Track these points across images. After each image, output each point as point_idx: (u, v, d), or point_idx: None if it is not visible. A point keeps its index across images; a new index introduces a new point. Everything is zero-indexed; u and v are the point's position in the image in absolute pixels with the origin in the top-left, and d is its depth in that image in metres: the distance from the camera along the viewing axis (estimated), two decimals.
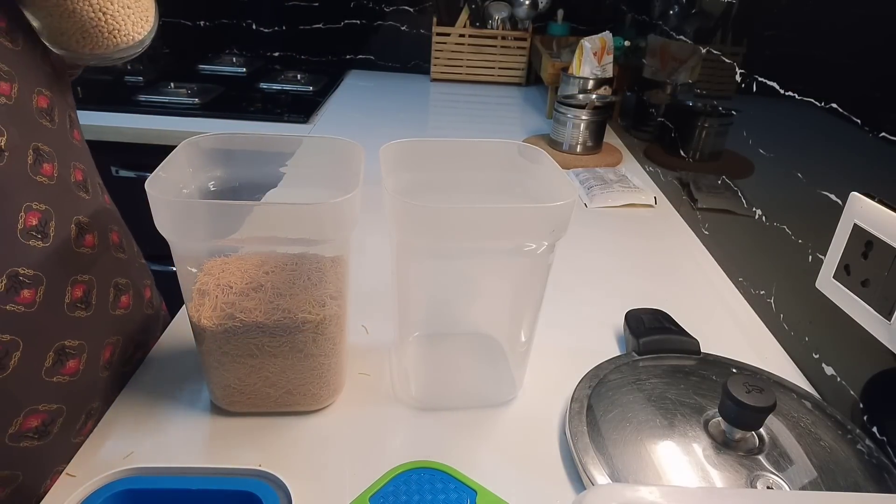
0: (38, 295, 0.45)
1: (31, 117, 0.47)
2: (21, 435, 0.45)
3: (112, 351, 0.54)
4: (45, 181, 0.47)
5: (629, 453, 0.49)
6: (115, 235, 0.57)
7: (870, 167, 0.56)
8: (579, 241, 0.88)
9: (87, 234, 0.52)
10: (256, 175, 0.55)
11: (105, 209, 0.56)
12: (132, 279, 0.58)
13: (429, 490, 0.46)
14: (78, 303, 0.49)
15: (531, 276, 0.52)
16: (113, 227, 0.57)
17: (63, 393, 0.48)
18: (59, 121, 0.51)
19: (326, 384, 0.54)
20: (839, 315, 0.56)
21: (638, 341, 0.61)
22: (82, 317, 0.50)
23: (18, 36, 0.47)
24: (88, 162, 0.56)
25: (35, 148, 0.47)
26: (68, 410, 0.49)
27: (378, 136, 1.27)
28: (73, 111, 0.55)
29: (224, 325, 0.49)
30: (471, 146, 0.58)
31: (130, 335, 0.57)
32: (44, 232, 0.46)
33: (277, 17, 1.72)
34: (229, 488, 0.42)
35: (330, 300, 0.50)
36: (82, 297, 0.50)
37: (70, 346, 0.49)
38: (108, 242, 0.55)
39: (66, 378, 0.48)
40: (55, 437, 0.48)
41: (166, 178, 0.48)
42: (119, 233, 0.58)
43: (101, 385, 0.53)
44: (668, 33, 1.11)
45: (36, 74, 0.49)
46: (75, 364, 0.49)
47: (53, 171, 0.48)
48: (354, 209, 0.46)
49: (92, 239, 0.52)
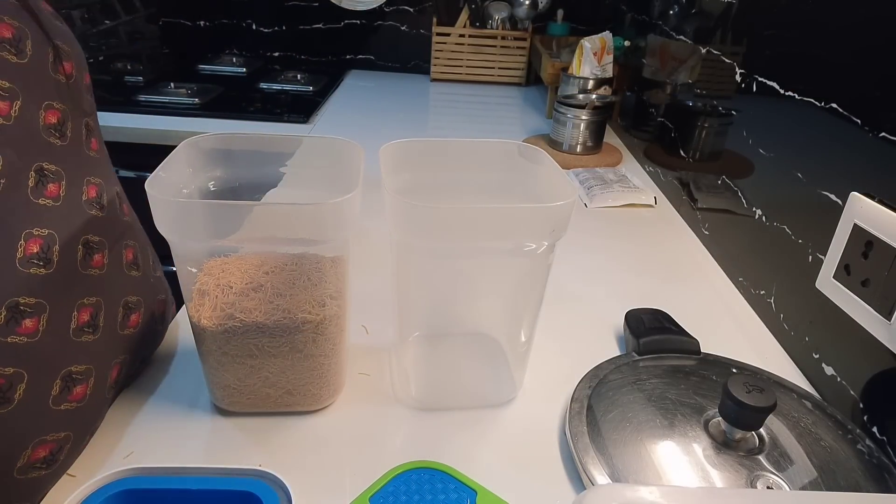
0: (42, 323, 0.43)
1: (36, 136, 0.45)
2: (29, 467, 0.44)
3: (119, 370, 0.52)
4: (48, 203, 0.45)
5: (629, 453, 0.49)
6: (129, 252, 0.54)
7: (870, 167, 0.56)
8: (579, 241, 0.88)
9: (96, 253, 0.49)
10: (256, 175, 0.55)
11: (121, 223, 0.53)
12: (144, 296, 0.55)
13: (429, 490, 0.46)
14: (85, 327, 0.47)
15: (531, 276, 0.52)
16: (129, 243, 0.54)
17: (71, 419, 0.46)
18: (72, 134, 0.48)
19: (326, 384, 0.54)
20: (839, 315, 0.56)
21: (638, 341, 0.61)
22: (89, 340, 0.48)
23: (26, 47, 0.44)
24: (106, 173, 0.53)
25: (38, 169, 0.44)
26: (76, 436, 0.47)
27: (378, 136, 1.27)
28: (91, 118, 0.52)
29: (224, 326, 0.49)
30: (471, 146, 0.58)
31: (137, 352, 0.55)
32: (46, 258, 0.44)
33: (277, 17, 1.72)
34: (229, 488, 0.42)
35: (330, 300, 0.50)
36: (89, 321, 0.48)
37: (77, 372, 0.47)
38: (121, 260, 0.52)
39: (74, 404, 0.46)
40: (62, 463, 0.47)
41: (166, 178, 0.48)
42: (135, 248, 0.55)
43: (107, 406, 0.52)
44: (668, 33, 1.11)
45: (44, 87, 0.46)
46: (83, 389, 0.47)
47: (60, 191, 0.46)
48: (354, 209, 0.46)
49: (101, 258, 0.49)
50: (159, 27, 1.74)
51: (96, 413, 0.50)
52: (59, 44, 0.47)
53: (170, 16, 1.72)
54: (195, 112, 1.34)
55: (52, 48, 0.46)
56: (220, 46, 1.76)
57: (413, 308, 0.57)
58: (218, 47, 1.76)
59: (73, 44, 0.49)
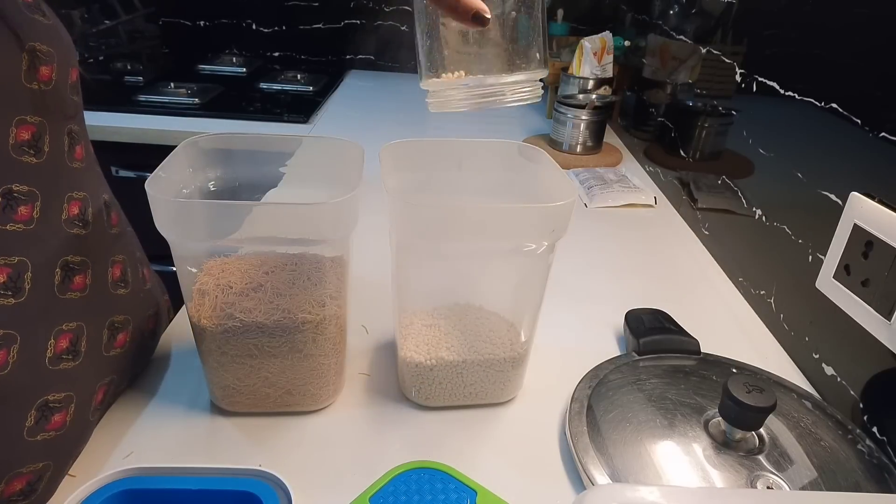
0: (11, 355, 0.40)
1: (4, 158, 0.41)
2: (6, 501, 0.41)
3: (106, 391, 0.49)
4: (18, 228, 0.41)
5: (629, 453, 0.49)
6: (116, 269, 0.50)
7: (870, 167, 0.56)
8: (579, 241, 0.88)
9: (76, 275, 0.46)
10: (256, 175, 0.55)
11: (108, 238, 0.50)
12: (133, 314, 0.52)
13: (429, 490, 0.46)
14: (63, 354, 0.44)
15: (531, 276, 0.52)
16: (116, 259, 0.50)
17: (49, 449, 0.44)
18: (50, 148, 0.44)
19: (326, 384, 0.54)
20: (839, 315, 0.56)
21: (638, 341, 0.61)
22: (69, 367, 0.45)
23: None
24: (93, 182, 0.49)
25: (6, 193, 0.40)
26: (56, 465, 0.45)
27: (378, 136, 1.27)
28: (75, 122, 0.47)
29: (223, 325, 0.49)
30: (471, 146, 0.58)
31: (125, 371, 0.53)
32: (15, 287, 0.40)
33: (277, 17, 1.72)
34: (229, 488, 0.42)
35: (330, 300, 0.50)
36: (68, 348, 0.45)
37: (55, 400, 0.43)
38: (106, 279, 0.49)
39: (53, 433, 0.43)
40: (41, 493, 0.44)
41: (166, 178, 0.48)
42: (123, 263, 0.51)
43: (91, 428, 0.49)
44: (668, 33, 1.11)
45: (15, 101, 0.41)
46: (62, 417, 0.44)
47: (33, 212, 0.42)
48: (354, 209, 0.46)
49: (83, 280, 0.46)
50: (159, 27, 1.74)
51: (79, 437, 0.47)
52: (34, 46, 0.42)
53: (170, 15, 1.72)
54: (195, 112, 1.34)
55: (26, 54, 0.42)
56: (220, 46, 1.76)
57: (413, 308, 0.57)
58: (218, 47, 1.76)
59: (54, 40, 0.44)
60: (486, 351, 0.54)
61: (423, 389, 0.55)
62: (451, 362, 0.54)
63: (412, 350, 0.54)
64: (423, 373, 0.54)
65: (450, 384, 0.55)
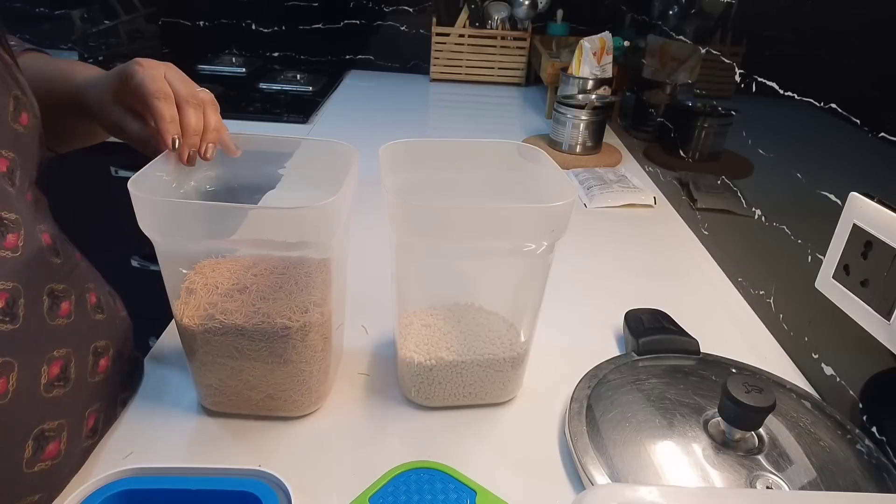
0: (11, 383, 0.40)
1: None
2: None
3: (96, 418, 0.50)
4: (8, 255, 0.42)
5: (629, 453, 0.49)
6: (92, 296, 0.51)
7: (870, 167, 0.56)
8: (579, 241, 0.88)
9: (63, 302, 0.46)
10: (254, 176, 0.55)
11: (79, 267, 0.50)
12: (112, 339, 0.52)
13: (428, 490, 0.46)
14: (56, 381, 0.44)
15: (531, 276, 0.52)
16: (89, 286, 0.51)
17: (45, 480, 0.44)
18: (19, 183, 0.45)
19: (308, 391, 0.52)
20: (839, 315, 0.56)
21: (637, 341, 0.61)
22: (60, 394, 0.45)
23: None
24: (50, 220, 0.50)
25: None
26: (49, 496, 0.45)
27: (378, 136, 1.26)
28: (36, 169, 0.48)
29: (204, 325, 0.48)
30: (471, 146, 0.58)
31: (112, 397, 0.53)
32: (12, 313, 0.41)
33: (277, 17, 1.72)
34: (229, 488, 0.42)
35: (313, 307, 0.49)
36: (60, 374, 0.45)
37: (49, 429, 0.44)
38: (86, 305, 0.49)
39: (49, 463, 0.44)
40: None
41: (155, 177, 0.47)
42: (96, 290, 0.52)
43: (86, 456, 0.49)
44: (668, 33, 1.11)
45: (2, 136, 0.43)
46: (56, 446, 0.44)
47: (18, 240, 0.43)
48: (339, 213, 0.46)
49: (68, 307, 0.47)
50: (159, 27, 1.74)
51: (72, 468, 0.47)
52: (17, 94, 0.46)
53: (170, 16, 1.72)
54: None
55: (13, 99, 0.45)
56: (220, 46, 1.76)
57: (413, 308, 0.57)
58: (218, 47, 1.76)
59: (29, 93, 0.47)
60: (485, 351, 0.54)
61: (423, 389, 0.55)
62: (450, 362, 0.54)
63: (412, 350, 0.54)
64: (422, 373, 0.54)
65: (449, 384, 0.55)
